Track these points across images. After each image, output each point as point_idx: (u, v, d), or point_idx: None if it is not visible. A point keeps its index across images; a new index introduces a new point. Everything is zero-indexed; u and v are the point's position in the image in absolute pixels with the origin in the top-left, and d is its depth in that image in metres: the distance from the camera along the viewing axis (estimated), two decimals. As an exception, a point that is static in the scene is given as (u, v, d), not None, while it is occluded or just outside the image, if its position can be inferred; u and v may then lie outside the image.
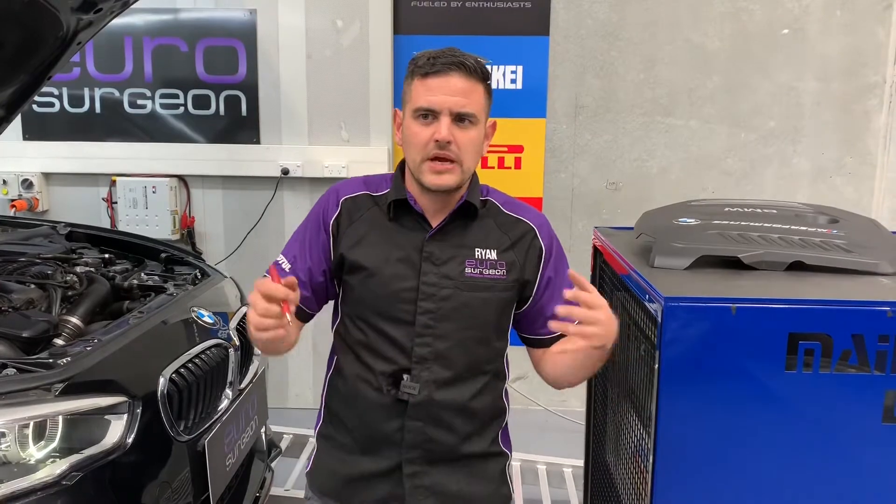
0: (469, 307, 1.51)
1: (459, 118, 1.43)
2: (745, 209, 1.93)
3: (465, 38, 3.72)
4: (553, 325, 1.33)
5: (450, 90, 1.42)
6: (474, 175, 1.56)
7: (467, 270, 1.51)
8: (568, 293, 1.34)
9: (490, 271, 1.52)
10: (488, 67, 1.50)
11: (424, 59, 1.46)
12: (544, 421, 3.83)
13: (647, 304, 1.46)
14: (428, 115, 1.43)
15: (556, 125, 3.81)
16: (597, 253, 2.05)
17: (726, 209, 1.93)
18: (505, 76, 3.74)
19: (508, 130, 3.77)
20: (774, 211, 1.91)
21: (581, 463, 2.33)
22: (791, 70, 3.70)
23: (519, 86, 3.73)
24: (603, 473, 2.05)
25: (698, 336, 1.37)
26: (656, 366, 1.38)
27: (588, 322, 1.31)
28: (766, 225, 1.76)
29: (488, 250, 1.53)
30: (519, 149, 3.79)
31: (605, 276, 1.97)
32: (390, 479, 1.54)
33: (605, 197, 3.85)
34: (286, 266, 1.54)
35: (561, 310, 1.32)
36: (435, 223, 1.52)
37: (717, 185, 3.80)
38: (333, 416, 1.61)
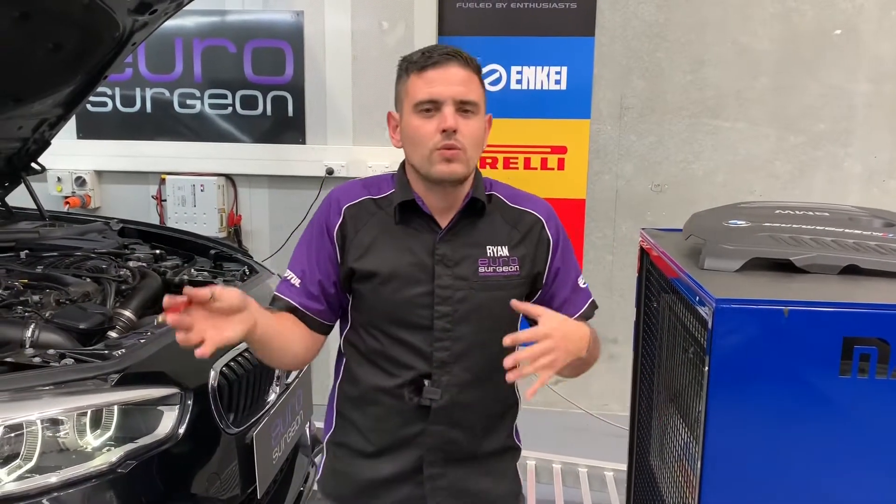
0: (485, 307, 1.49)
1: (462, 108, 1.42)
2: (797, 212, 1.89)
3: (510, 39, 3.72)
4: (510, 376, 1.29)
5: (450, 80, 1.42)
6: (477, 170, 1.55)
7: (481, 270, 1.50)
8: (507, 340, 1.30)
9: (503, 268, 1.51)
10: (477, 61, 1.50)
11: (418, 54, 1.46)
12: (585, 424, 3.81)
13: (696, 306, 1.44)
14: (430, 108, 1.42)
15: (601, 126, 3.78)
16: (643, 255, 2.03)
17: (777, 212, 1.90)
18: (549, 77, 3.73)
19: (552, 131, 3.76)
20: (827, 214, 1.88)
21: (622, 467, 2.31)
22: (842, 71, 3.62)
23: (563, 86, 3.72)
24: (647, 477, 2.03)
25: (749, 339, 1.35)
26: (706, 368, 1.37)
27: (543, 354, 1.31)
28: (818, 228, 1.73)
29: (500, 247, 1.52)
30: (562, 150, 3.78)
31: (652, 277, 1.96)
32: (410, 482, 1.54)
33: (650, 199, 3.81)
34: (295, 281, 1.52)
35: (508, 362, 1.28)
36: (443, 223, 1.51)
37: (765, 188, 3.74)
38: (346, 422, 1.59)
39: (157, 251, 2.67)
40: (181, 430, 1.67)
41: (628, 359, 2.16)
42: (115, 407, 1.59)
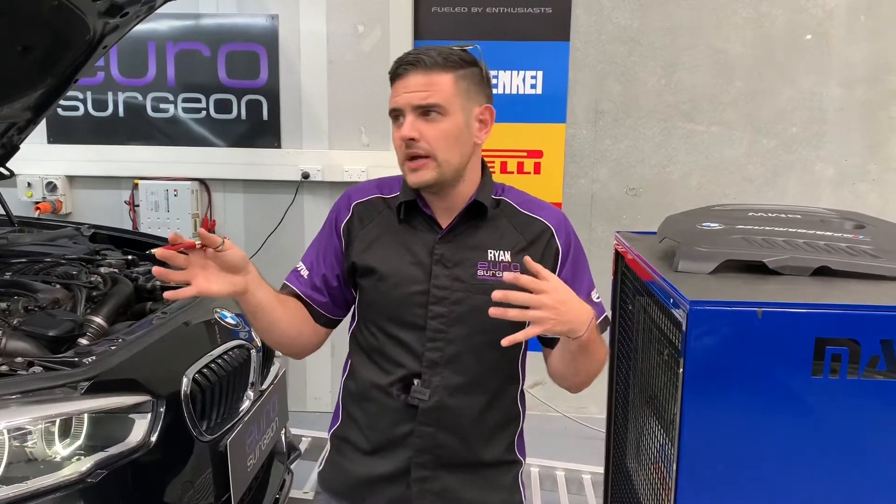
0: (482, 311, 1.41)
1: (424, 112, 1.42)
2: (770, 214, 1.91)
3: (485, 44, 3.66)
4: (492, 311, 1.27)
5: (408, 88, 1.43)
6: (487, 173, 1.55)
7: (479, 273, 1.48)
8: (507, 276, 1.28)
9: (504, 274, 1.47)
10: (468, 54, 1.49)
11: (393, 65, 1.47)
12: (563, 428, 3.82)
13: (671, 308, 1.45)
14: (398, 116, 1.45)
15: (576, 130, 3.80)
16: (618, 257, 2.04)
17: (750, 214, 1.92)
18: (525, 81, 3.74)
19: (528, 135, 3.77)
20: (799, 216, 1.90)
21: (600, 470, 2.31)
22: (814, 76, 3.67)
23: (539, 91, 3.73)
24: (623, 480, 2.04)
25: (723, 340, 1.35)
26: (681, 370, 1.37)
27: (532, 306, 1.27)
28: (790, 230, 1.74)
29: (502, 252, 1.50)
30: (538, 154, 3.79)
31: (627, 280, 1.96)
32: (399, 483, 1.53)
33: (625, 202, 3.84)
34: (304, 273, 1.56)
35: (496, 294, 1.26)
36: (445, 224, 1.51)
37: (739, 191, 3.78)
38: (349, 418, 1.60)
39: (130, 257, 2.64)
40: (153, 438, 1.65)
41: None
42: (85, 415, 1.56)
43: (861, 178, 3.75)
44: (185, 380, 1.80)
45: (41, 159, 3.81)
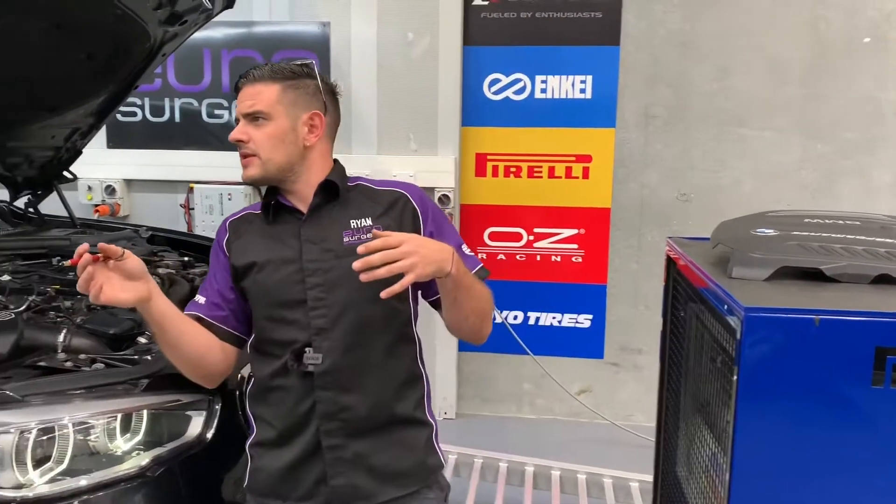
0: (354, 273, 1.48)
1: (251, 117, 1.60)
2: (826, 220, 1.87)
3: (535, 49, 3.73)
4: (362, 277, 1.36)
5: (241, 99, 1.62)
6: (337, 163, 1.72)
7: (346, 239, 1.60)
8: (360, 248, 1.37)
9: (368, 235, 1.55)
10: (299, 67, 1.65)
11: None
12: (609, 435, 3.78)
13: (725, 315, 1.43)
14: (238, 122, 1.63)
15: (626, 135, 3.77)
16: (670, 263, 2.02)
17: (806, 220, 1.88)
18: (574, 86, 3.73)
19: (577, 140, 3.76)
20: (858, 223, 1.85)
21: (648, 478, 2.29)
22: (872, 79, 3.58)
23: (588, 95, 3.72)
24: (673, 488, 2.01)
25: (779, 348, 1.33)
26: (735, 378, 1.35)
27: (396, 258, 1.36)
28: (848, 237, 1.70)
29: (363, 219, 1.63)
30: (587, 158, 3.78)
31: (679, 287, 1.94)
32: (316, 460, 1.58)
33: (676, 208, 3.79)
34: (201, 300, 1.65)
35: (357, 264, 1.36)
36: (306, 210, 1.64)
37: (792, 197, 3.70)
38: (258, 421, 1.66)
39: (186, 258, 2.70)
40: (209, 435, 1.69)
41: (653, 369, 2.14)
42: (145, 411, 1.61)
43: (922, 185, 3.64)
44: (240, 377, 1.84)
45: (101, 163, 3.93)
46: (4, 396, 1.50)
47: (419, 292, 1.68)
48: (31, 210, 2.98)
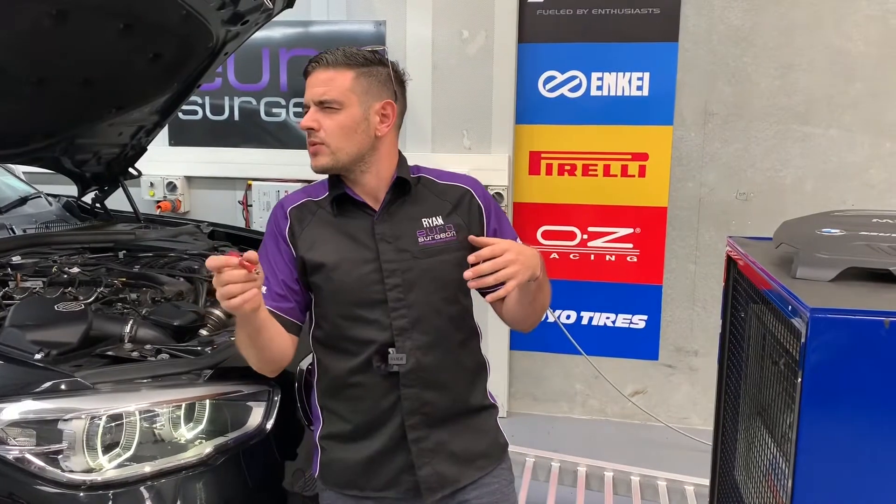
0: (432, 272, 1.61)
1: (323, 105, 1.57)
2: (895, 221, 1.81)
3: (591, 46, 3.69)
4: (471, 284, 1.43)
5: (312, 84, 1.59)
6: (401, 156, 1.69)
7: (420, 240, 1.62)
8: (470, 258, 1.42)
9: (441, 235, 1.63)
10: (372, 55, 1.61)
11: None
12: (664, 437, 3.73)
13: (789, 316, 1.40)
14: (308, 109, 1.61)
15: (684, 133, 3.71)
16: (731, 263, 1.98)
17: (874, 220, 1.82)
18: (631, 83, 3.68)
19: (633, 138, 3.71)
20: (929, 223, 1.79)
21: (703, 482, 2.25)
22: (945, 75, 3.45)
23: (645, 93, 3.67)
24: (731, 493, 1.98)
25: (846, 351, 1.29)
26: (798, 381, 1.32)
27: (501, 267, 1.41)
28: (920, 238, 1.65)
29: (434, 217, 1.64)
30: (644, 156, 3.72)
31: (740, 287, 1.91)
32: (399, 451, 1.62)
33: (735, 208, 3.71)
34: (262, 289, 1.59)
35: (468, 274, 1.41)
36: (376, 207, 1.64)
37: (858, 197, 3.58)
38: (330, 413, 1.67)
39: (245, 253, 2.76)
40: (268, 426, 1.73)
41: (708, 370, 2.11)
42: (207, 401, 1.66)
43: None
44: (298, 370, 1.87)
45: (163, 160, 4.04)
46: (76, 384, 1.56)
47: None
48: (98, 205, 3.09)
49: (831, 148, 3.59)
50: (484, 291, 1.68)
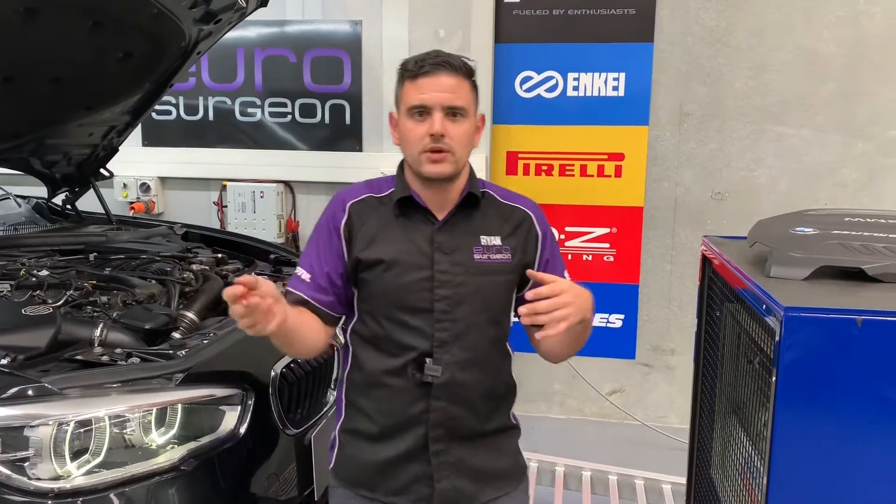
0: (482, 291, 1.60)
1: (451, 112, 1.53)
2: (868, 219, 1.83)
3: (567, 46, 3.70)
4: (524, 320, 1.42)
5: (439, 87, 1.53)
6: (471, 169, 1.66)
7: (476, 256, 1.60)
8: (529, 294, 1.42)
9: (497, 256, 1.61)
10: (472, 66, 1.60)
11: (412, 62, 1.56)
12: (641, 436, 3.74)
13: (763, 315, 1.40)
14: (422, 112, 1.54)
15: (660, 133, 3.73)
16: (706, 263, 1.99)
17: (846, 219, 1.84)
18: (607, 83, 3.69)
19: (609, 138, 3.72)
20: (900, 222, 1.81)
21: (680, 480, 2.26)
22: (915, 76, 3.50)
23: (621, 93, 3.68)
24: (707, 490, 1.98)
25: (819, 350, 1.30)
26: (773, 379, 1.33)
27: (557, 307, 1.40)
28: (891, 236, 1.66)
29: (493, 237, 1.63)
30: (620, 157, 3.74)
31: (715, 286, 1.91)
32: (418, 460, 1.60)
33: (710, 207, 3.74)
34: (305, 277, 1.62)
35: (523, 309, 1.41)
36: (440, 216, 1.61)
37: (831, 196, 3.62)
38: (354, 409, 1.66)
39: (219, 255, 2.73)
40: (242, 430, 1.71)
41: (685, 369, 2.12)
42: (179, 405, 1.63)
43: (966, 184, 3.54)
44: (272, 374, 1.85)
45: (136, 161, 3.98)
46: (43, 389, 1.52)
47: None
48: (68, 207, 3.03)
49: (804, 148, 3.63)
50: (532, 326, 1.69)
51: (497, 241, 1.62)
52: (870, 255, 1.55)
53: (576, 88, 3.72)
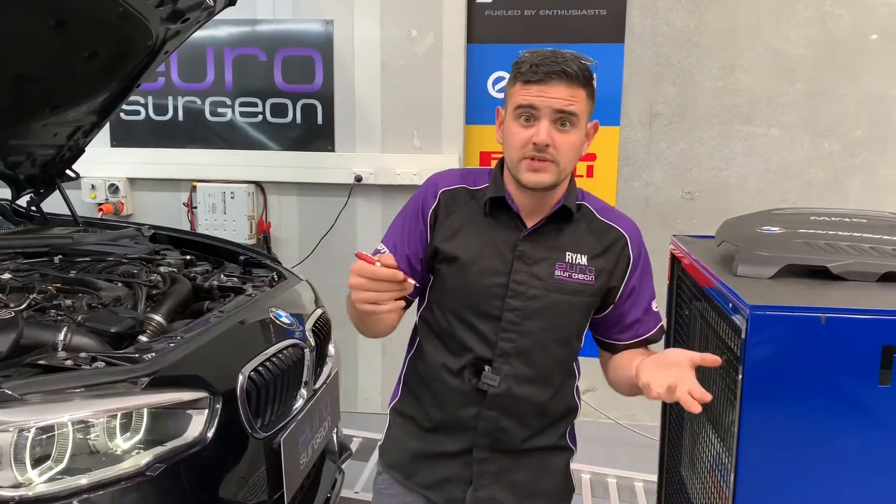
0: (555, 308, 1.53)
1: (561, 120, 1.45)
2: (833, 218, 1.85)
3: (539, 47, 3.68)
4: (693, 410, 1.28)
5: (551, 95, 1.43)
6: (572, 179, 1.59)
7: (557, 273, 1.53)
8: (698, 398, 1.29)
9: (579, 276, 1.54)
10: (591, 69, 1.48)
11: (527, 65, 1.45)
12: (614, 434, 3.76)
13: (729, 314, 1.42)
14: (530, 116, 1.46)
15: (631, 133, 3.75)
16: (674, 262, 2.00)
17: (812, 218, 1.86)
18: (578, 84, 3.70)
19: (581, 139, 3.73)
20: (864, 220, 1.83)
21: (652, 478, 2.27)
22: (880, 77, 3.56)
23: (593, 93, 3.69)
24: (677, 488, 2.00)
25: (785, 347, 1.32)
26: (739, 377, 1.34)
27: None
28: (855, 234, 1.69)
29: (579, 255, 1.55)
30: (591, 157, 3.76)
31: (684, 285, 1.93)
32: (459, 461, 1.59)
33: (681, 206, 3.77)
34: (386, 253, 1.55)
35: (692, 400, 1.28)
36: (530, 223, 1.55)
37: (799, 195, 3.67)
38: (410, 393, 1.66)
39: (188, 257, 2.69)
40: (210, 434, 1.68)
41: (659, 368, 2.12)
42: (145, 410, 1.60)
43: (929, 183, 3.61)
44: (240, 377, 1.82)
45: (104, 162, 3.94)
46: (3, 395, 1.48)
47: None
48: (33, 208, 2.98)
49: (773, 147, 3.67)
50: (605, 342, 1.67)
51: (584, 259, 1.55)
52: (834, 253, 1.57)
53: (547, 89, 3.73)
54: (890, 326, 1.29)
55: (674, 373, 1.31)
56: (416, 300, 1.65)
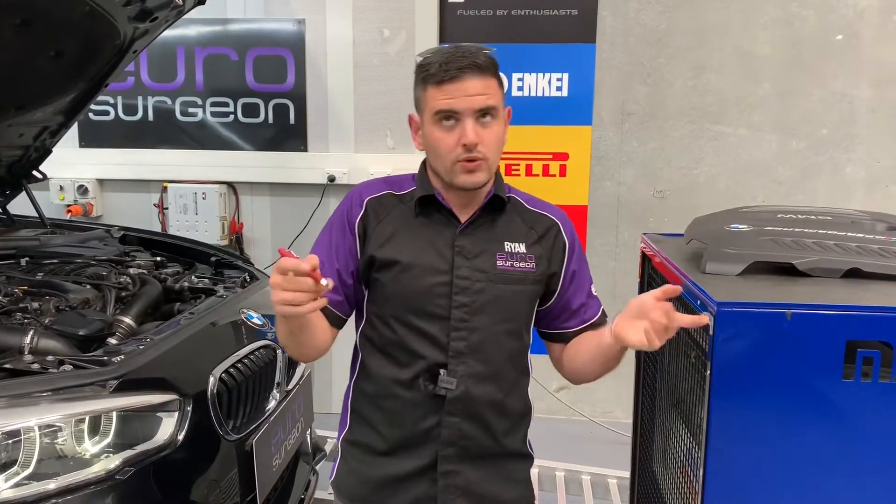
0: (502, 300, 1.52)
1: (482, 114, 1.44)
2: (799, 216, 1.88)
3: (511, 47, 3.72)
4: (654, 314, 1.31)
5: (468, 92, 1.42)
6: (498, 171, 1.58)
7: (499, 263, 1.52)
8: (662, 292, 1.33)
9: (520, 264, 1.54)
10: (494, 58, 1.48)
11: (436, 66, 1.43)
12: (588, 431, 3.79)
13: (698, 310, 1.43)
14: (450, 118, 1.43)
15: (603, 132, 3.78)
16: (645, 260, 2.02)
17: (779, 216, 1.89)
18: (550, 84, 3.72)
19: (553, 138, 3.75)
20: (829, 218, 1.87)
21: (626, 474, 2.29)
22: (845, 77, 3.62)
23: (565, 93, 3.72)
24: (650, 484, 2.02)
25: (751, 343, 1.34)
26: (708, 373, 1.36)
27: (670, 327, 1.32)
28: (820, 231, 1.72)
29: (517, 244, 1.55)
30: (564, 156, 3.78)
31: (654, 283, 1.95)
32: (424, 479, 1.54)
33: (652, 205, 3.81)
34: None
35: (661, 305, 1.32)
36: (463, 218, 1.54)
37: (767, 193, 3.73)
38: (360, 419, 1.60)
39: (158, 258, 2.67)
40: (180, 437, 1.66)
41: (631, 365, 2.14)
42: (114, 413, 1.58)
43: (893, 180, 3.68)
44: (211, 379, 1.81)
45: (73, 163, 3.88)
46: (-32, 400, 1.46)
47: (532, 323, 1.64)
48: (-1, 210, 2.93)
49: (742, 146, 3.72)
50: (554, 334, 1.64)
51: (522, 248, 1.55)
52: (800, 250, 1.60)
53: (520, 88, 3.75)
54: (853, 322, 1.31)
55: (654, 314, 1.32)
56: (354, 318, 1.61)
